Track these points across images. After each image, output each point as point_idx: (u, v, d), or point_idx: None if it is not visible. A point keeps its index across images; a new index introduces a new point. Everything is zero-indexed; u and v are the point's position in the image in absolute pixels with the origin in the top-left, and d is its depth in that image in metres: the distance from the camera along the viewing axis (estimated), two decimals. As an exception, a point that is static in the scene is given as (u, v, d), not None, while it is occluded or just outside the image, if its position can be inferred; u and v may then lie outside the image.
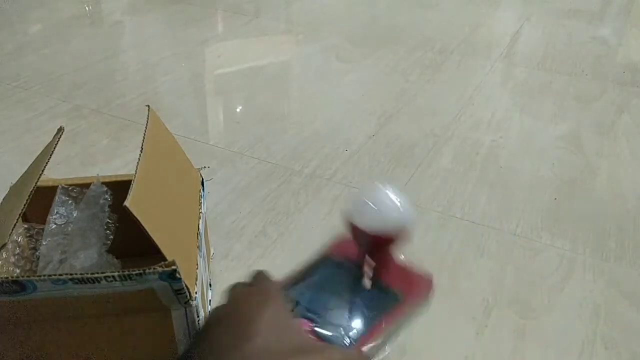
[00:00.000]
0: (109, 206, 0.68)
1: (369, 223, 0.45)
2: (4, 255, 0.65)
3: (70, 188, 0.69)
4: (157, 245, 0.51)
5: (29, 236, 0.70)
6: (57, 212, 0.67)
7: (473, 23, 1.89)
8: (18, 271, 0.67)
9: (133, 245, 0.61)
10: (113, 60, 1.59)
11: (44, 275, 0.47)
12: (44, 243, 0.66)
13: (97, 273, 0.48)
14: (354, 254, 0.49)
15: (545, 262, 0.86)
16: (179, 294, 0.52)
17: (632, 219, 0.97)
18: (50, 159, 0.64)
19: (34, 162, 0.63)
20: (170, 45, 1.68)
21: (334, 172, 1.06)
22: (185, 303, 0.54)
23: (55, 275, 0.47)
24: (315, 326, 0.41)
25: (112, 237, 0.67)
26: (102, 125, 1.21)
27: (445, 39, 1.73)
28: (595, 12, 2.08)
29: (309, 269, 0.49)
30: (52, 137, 0.60)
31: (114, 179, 0.71)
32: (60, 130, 0.65)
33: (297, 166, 1.09)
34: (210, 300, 0.73)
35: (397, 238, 0.46)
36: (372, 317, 0.44)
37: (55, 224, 0.67)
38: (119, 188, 0.65)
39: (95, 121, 1.23)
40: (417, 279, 0.50)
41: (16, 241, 0.68)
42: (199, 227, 0.66)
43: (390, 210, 0.45)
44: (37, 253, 0.67)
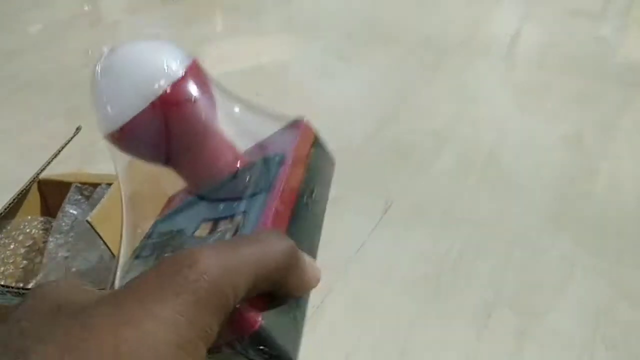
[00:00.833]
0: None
1: (123, 109, 0.28)
2: (12, 247, 0.65)
3: (84, 187, 0.69)
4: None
5: (44, 229, 0.70)
6: (67, 211, 0.67)
7: (474, 22, 1.89)
8: (25, 262, 0.67)
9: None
10: (113, 60, 1.59)
11: None
12: (50, 239, 0.66)
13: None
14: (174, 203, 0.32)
15: (545, 262, 0.86)
16: None
17: (633, 219, 0.96)
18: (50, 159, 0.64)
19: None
20: (170, 45, 1.68)
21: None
22: None
23: None
24: None
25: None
26: (102, 125, 1.21)
27: (445, 40, 1.73)
28: (596, 12, 2.08)
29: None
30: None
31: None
32: (78, 129, 0.66)
33: (297, 166, 1.08)
34: None
35: (184, 92, 0.29)
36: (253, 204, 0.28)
37: (64, 222, 0.67)
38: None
39: (94, 121, 1.22)
40: (283, 132, 0.35)
41: (29, 233, 0.68)
42: None
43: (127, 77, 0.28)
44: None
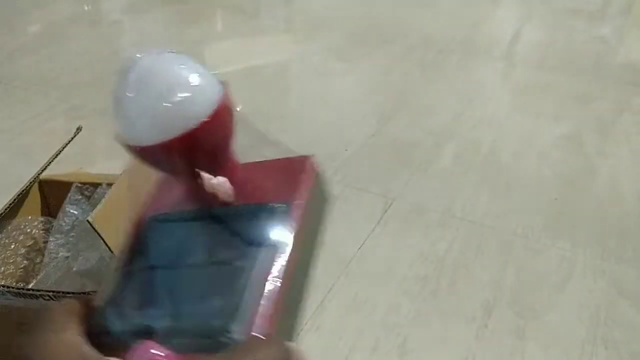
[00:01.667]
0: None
1: (149, 132, 0.27)
2: (12, 247, 0.65)
3: (85, 187, 0.69)
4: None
5: (45, 229, 0.70)
6: (68, 211, 0.67)
7: (473, 23, 1.89)
8: (26, 262, 0.67)
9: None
10: (112, 59, 1.59)
11: None
12: (51, 239, 0.66)
13: (33, 290, 0.48)
14: (171, 201, 0.31)
15: (545, 262, 0.86)
16: None
17: (632, 219, 0.96)
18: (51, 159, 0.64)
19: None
20: (169, 44, 1.68)
21: (334, 172, 1.06)
22: None
23: None
24: (159, 346, 0.24)
25: None
26: (102, 125, 1.21)
27: (445, 39, 1.73)
28: (596, 11, 2.08)
29: (124, 262, 0.30)
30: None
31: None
32: (79, 129, 0.66)
33: (297, 166, 1.08)
34: None
35: (210, 130, 0.28)
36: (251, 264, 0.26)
37: (64, 222, 0.67)
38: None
39: (94, 121, 1.22)
40: (288, 169, 0.34)
41: (30, 233, 0.68)
42: None
43: (171, 92, 0.27)
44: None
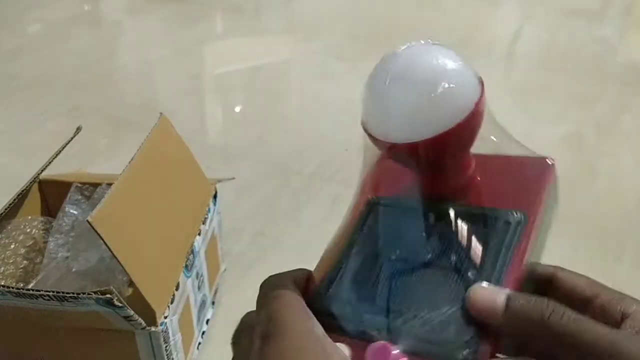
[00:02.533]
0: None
1: (415, 129, 0.25)
2: (12, 247, 0.65)
3: (85, 187, 0.69)
4: (122, 266, 0.49)
5: (45, 229, 0.70)
6: (68, 211, 0.67)
7: (473, 22, 1.89)
8: (26, 262, 0.67)
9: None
10: (112, 59, 1.59)
11: None
12: (50, 239, 0.66)
13: (33, 290, 0.48)
14: (403, 185, 0.29)
15: (545, 262, 0.86)
16: (129, 320, 0.50)
17: (632, 219, 0.96)
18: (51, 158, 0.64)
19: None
20: (170, 44, 1.68)
21: (334, 172, 1.06)
22: (143, 329, 0.52)
23: None
24: (397, 349, 0.23)
25: None
26: (102, 125, 1.21)
27: (445, 39, 1.72)
28: (596, 11, 2.07)
29: (347, 246, 0.28)
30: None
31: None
32: (79, 129, 0.66)
33: (297, 166, 1.08)
34: (207, 320, 0.72)
35: (468, 129, 0.26)
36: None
37: (64, 222, 0.67)
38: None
39: (94, 121, 1.22)
40: (525, 170, 0.30)
41: (30, 233, 0.68)
42: (192, 245, 0.64)
43: (443, 93, 0.25)
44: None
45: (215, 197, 0.73)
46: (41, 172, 0.68)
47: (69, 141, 0.68)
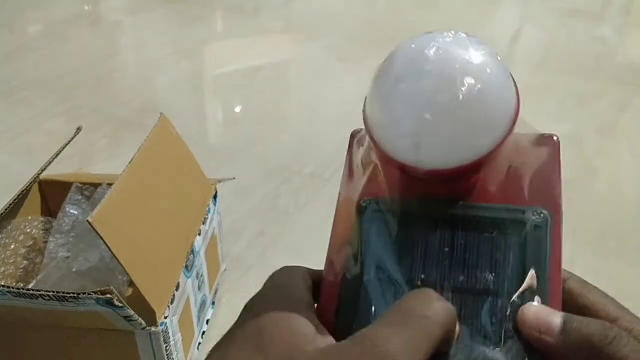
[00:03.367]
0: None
1: (451, 154, 0.21)
2: (12, 247, 0.65)
3: (85, 187, 0.69)
4: (122, 266, 0.49)
5: (45, 229, 0.70)
6: (68, 210, 0.67)
7: (473, 23, 1.89)
8: (26, 262, 0.67)
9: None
10: (112, 59, 1.59)
11: None
12: (51, 239, 0.66)
13: (33, 290, 0.48)
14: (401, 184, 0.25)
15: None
16: (129, 320, 0.50)
17: (632, 219, 0.96)
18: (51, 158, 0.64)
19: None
20: (170, 44, 1.68)
21: (333, 172, 1.06)
22: (143, 329, 0.52)
23: None
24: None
25: None
26: (102, 124, 1.21)
27: (445, 39, 1.72)
28: (596, 11, 2.07)
29: (357, 264, 0.25)
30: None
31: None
32: (79, 129, 0.66)
33: (297, 166, 1.08)
34: (207, 320, 0.72)
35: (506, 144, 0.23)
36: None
37: (64, 222, 0.67)
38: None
39: (94, 121, 1.22)
40: (533, 152, 0.26)
41: (29, 233, 0.68)
42: (192, 245, 0.64)
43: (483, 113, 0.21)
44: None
45: (215, 197, 0.73)
46: (41, 172, 0.68)
47: (69, 141, 0.68)
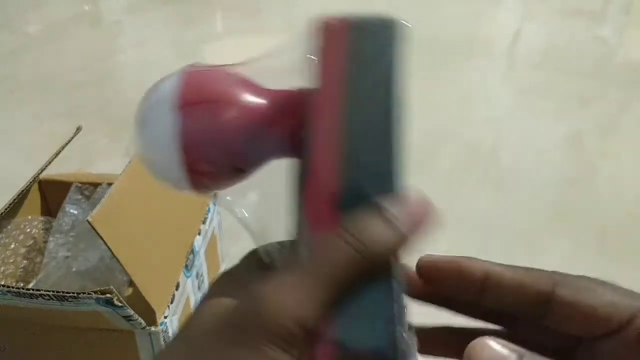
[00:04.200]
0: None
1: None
2: (12, 246, 0.65)
3: (84, 186, 0.69)
4: (122, 266, 0.49)
5: (45, 229, 0.70)
6: (68, 210, 0.67)
7: (474, 22, 1.89)
8: (26, 262, 0.67)
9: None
10: (112, 59, 1.59)
11: None
12: (51, 239, 0.66)
13: (33, 290, 0.48)
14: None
15: (546, 262, 0.85)
16: (129, 320, 0.50)
17: (633, 219, 0.96)
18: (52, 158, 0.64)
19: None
20: (170, 44, 1.68)
21: (333, 172, 1.06)
22: (143, 328, 0.52)
23: None
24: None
25: None
26: (101, 124, 1.21)
27: (446, 38, 1.72)
28: (596, 11, 2.07)
29: None
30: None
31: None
32: (79, 129, 0.66)
33: (297, 166, 1.08)
34: None
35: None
36: None
37: (64, 222, 0.67)
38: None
39: (94, 121, 1.22)
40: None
41: (30, 233, 0.68)
42: (192, 245, 0.64)
43: None
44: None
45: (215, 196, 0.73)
46: (41, 172, 0.68)
47: (69, 141, 0.68)
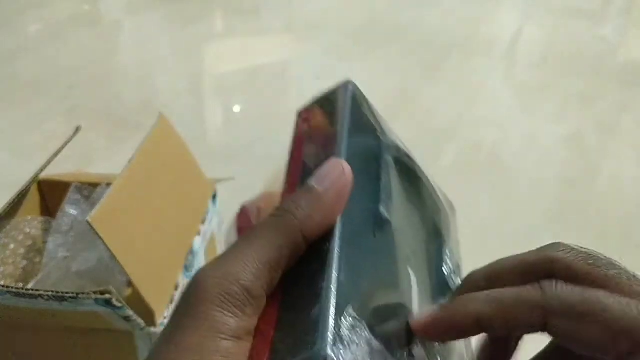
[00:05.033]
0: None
1: None
2: (11, 247, 0.65)
3: (84, 187, 0.69)
4: (121, 266, 0.49)
5: (44, 229, 0.70)
6: (67, 211, 0.67)
7: (474, 22, 1.89)
8: (25, 262, 0.67)
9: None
10: (112, 59, 1.59)
11: None
12: (50, 239, 0.66)
13: (33, 290, 0.47)
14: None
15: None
16: (128, 320, 0.50)
17: (633, 219, 0.96)
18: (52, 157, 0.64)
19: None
20: (169, 44, 1.68)
21: (333, 172, 1.06)
22: (142, 329, 0.52)
23: None
24: None
25: None
26: (101, 124, 1.21)
27: (446, 38, 1.72)
28: (597, 11, 2.07)
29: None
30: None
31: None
32: (78, 129, 0.66)
33: (297, 166, 1.08)
34: None
35: None
36: None
37: (63, 222, 0.67)
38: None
39: (93, 120, 1.22)
40: None
41: (29, 233, 0.68)
42: (192, 245, 0.64)
43: None
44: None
45: (214, 197, 0.72)
46: (40, 172, 0.68)
47: (69, 141, 0.68)
